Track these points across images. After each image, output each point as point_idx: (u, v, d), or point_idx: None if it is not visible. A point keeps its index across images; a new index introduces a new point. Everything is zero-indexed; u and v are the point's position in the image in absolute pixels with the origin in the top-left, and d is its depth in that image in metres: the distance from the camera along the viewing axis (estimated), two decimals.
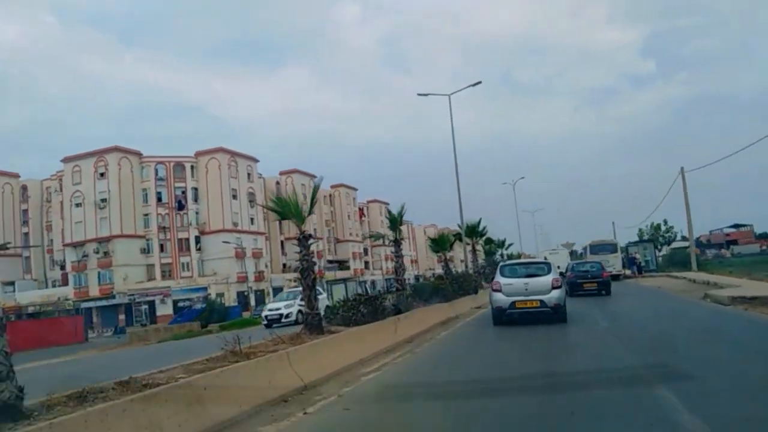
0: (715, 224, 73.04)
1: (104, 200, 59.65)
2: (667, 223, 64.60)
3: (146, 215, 62.39)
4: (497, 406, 5.66)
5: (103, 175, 59.87)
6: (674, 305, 16.76)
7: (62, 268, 64.63)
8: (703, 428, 4.27)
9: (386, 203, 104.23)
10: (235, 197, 66.02)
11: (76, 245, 60.72)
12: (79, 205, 60.60)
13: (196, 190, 64.61)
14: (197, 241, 63.84)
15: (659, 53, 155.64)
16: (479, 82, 24.22)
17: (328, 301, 29.76)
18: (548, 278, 12.86)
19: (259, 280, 67.48)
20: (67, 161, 61.25)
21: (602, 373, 6.92)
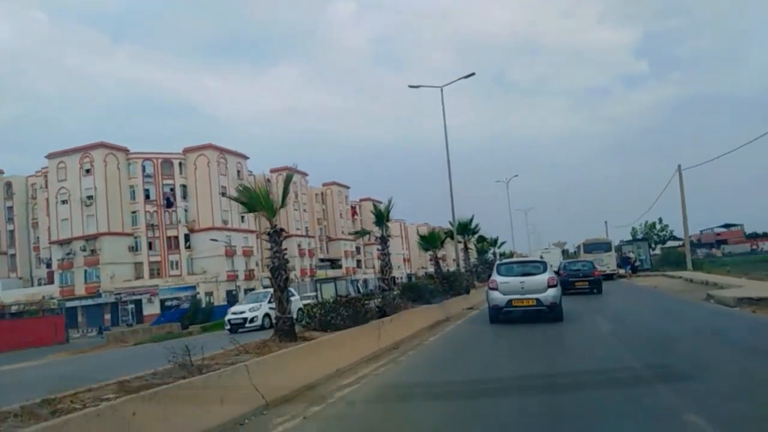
0: (705, 224, 72.89)
1: (90, 197, 58.41)
2: (662, 221, 63.88)
3: (134, 213, 61.21)
4: (494, 413, 5.27)
5: (89, 171, 58.60)
6: (677, 307, 15.93)
7: (48, 266, 63.38)
8: None
9: (379, 201, 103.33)
10: (224, 194, 64.78)
11: (62, 243, 59.50)
12: (65, 202, 59.35)
13: (184, 187, 63.46)
14: (186, 239, 62.72)
15: (652, 53, 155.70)
16: (473, 73, 23.31)
17: (317, 298, 28.71)
18: (544, 277, 12.94)
19: (249, 278, 66.41)
20: (51, 157, 59.93)
21: (611, 379, 6.47)
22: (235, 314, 21.07)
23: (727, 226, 77.94)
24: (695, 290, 20.88)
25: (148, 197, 61.26)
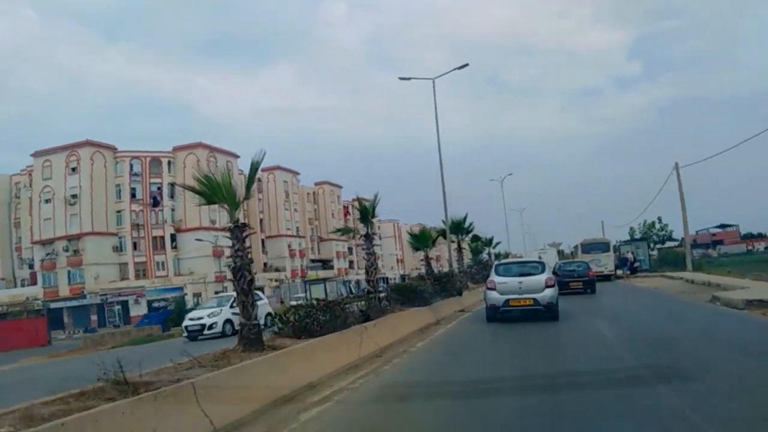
0: (701, 225, 72.27)
1: (75, 196, 57.03)
2: (661, 221, 62.88)
3: (119, 212, 59.89)
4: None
5: (74, 170, 57.22)
6: (682, 309, 14.99)
7: (30, 266, 61.95)
8: None
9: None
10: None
11: (45, 243, 58.12)
12: (48, 201, 57.98)
13: (172, 186, 62.12)
14: (173, 239, 61.45)
15: (645, 55, 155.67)
16: (466, 64, 22.26)
17: (306, 300, 27.50)
18: (542, 277, 13.05)
19: None
20: (37, 155, 58.54)
21: (619, 386, 5.99)
22: (192, 320, 19.24)
23: (722, 226, 77.61)
24: (698, 292, 20.08)
25: (134, 196, 59.96)
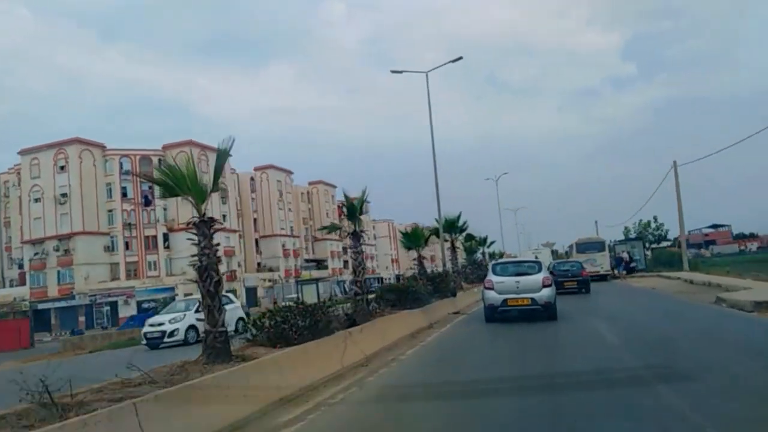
0: (693, 224, 71.79)
1: (65, 195, 56.09)
2: (657, 220, 62.16)
3: (110, 211, 58.97)
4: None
5: (63, 168, 56.24)
6: (686, 311, 14.29)
7: (20, 267, 60.94)
8: None
9: (367, 202, 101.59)
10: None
11: (34, 243, 57.15)
12: (38, 200, 57.02)
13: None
14: (165, 238, 60.54)
15: (640, 55, 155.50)
16: (460, 57, 21.52)
17: (298, 300, 26.26)
18: (539, 277, 13.09)
19: (231, 279, 64.37)
20: (24, 153, 57.54)
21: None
22: (152, 326, 17.84)
23: (715, 226, 77.36)
24: (698, 292, 19.46)
25: (125, 195, 59.03)
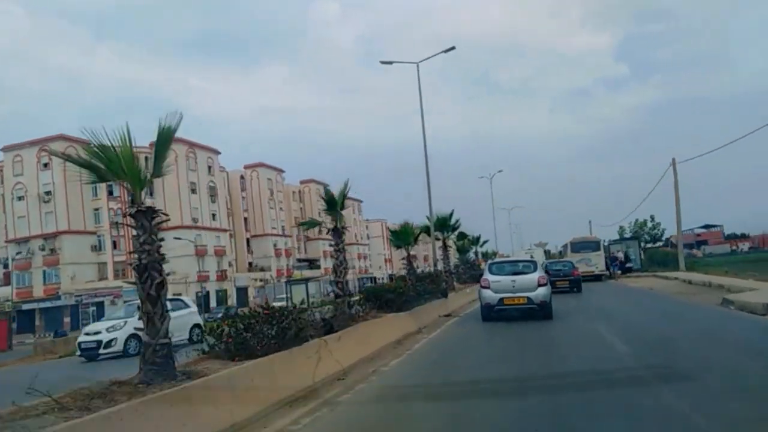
0: (685, 225, 71.32)
1: (49, 193, 54.84)
2: (654, 219, 61.35)
3: (97, 210, 57.85)
4: None
5: (47, 165, 54.86)
6: (692, 314, 13.41)
7: (6, 266, 59.60)
8: None
9: (360, 200, 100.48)
10: (194, 191, 61.64)
11: (19, 242, 55.90)
12: (21, 198, 55.79)
13: (151, 183, 59.82)
14: None
15: (633, 56, 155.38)
16: (453, 47, 20.65)
17: (287, 301, 23.82)
18: (534, 276, 13.30)
19: (221, 279, 63.32)
20: (6, 150, 56.26)
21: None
22: (87, 335, 16.02)
23: (706, 227, 77.10)
24: (699, 293, 18.64)
25: (111, 193, 57.75)
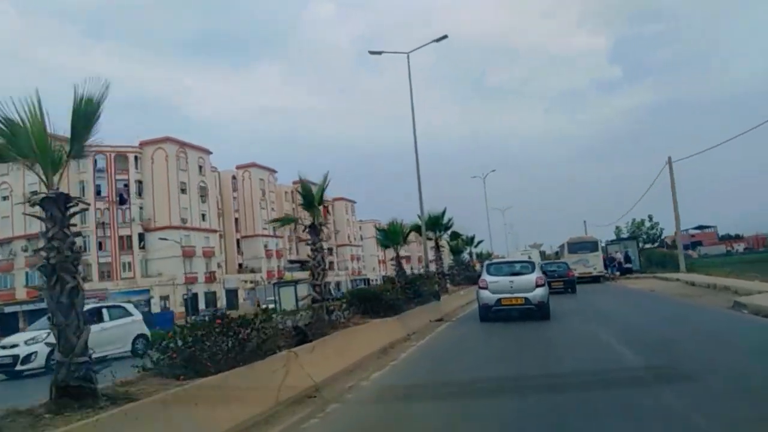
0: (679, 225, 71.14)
1: (34, 193, 53.32)
2: (652, 219, 60.54)
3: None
4: None
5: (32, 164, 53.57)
6: (701, 319, 12.43)
7: None
8: None
9: (353, 201, 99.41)
10: (184, 191, 60.41)
11: (2, 243, 54.74)
12: (5, 198, 54.39)
13: (140, 183, 58.80)
14: (141, 238, 58.10)
15: (628, 58, 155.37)
16: (445, 36, 19.67)
17: (276, 305, 22.14)
18: (532, 276, 13.33)
19: (210, 281, 62.07)
20: None
21: None
22: (3, 348, 14.21)
23: (701, 227, 76.79)
24: (705, 295, 17.74)
25: (99, 193, 56.46)
